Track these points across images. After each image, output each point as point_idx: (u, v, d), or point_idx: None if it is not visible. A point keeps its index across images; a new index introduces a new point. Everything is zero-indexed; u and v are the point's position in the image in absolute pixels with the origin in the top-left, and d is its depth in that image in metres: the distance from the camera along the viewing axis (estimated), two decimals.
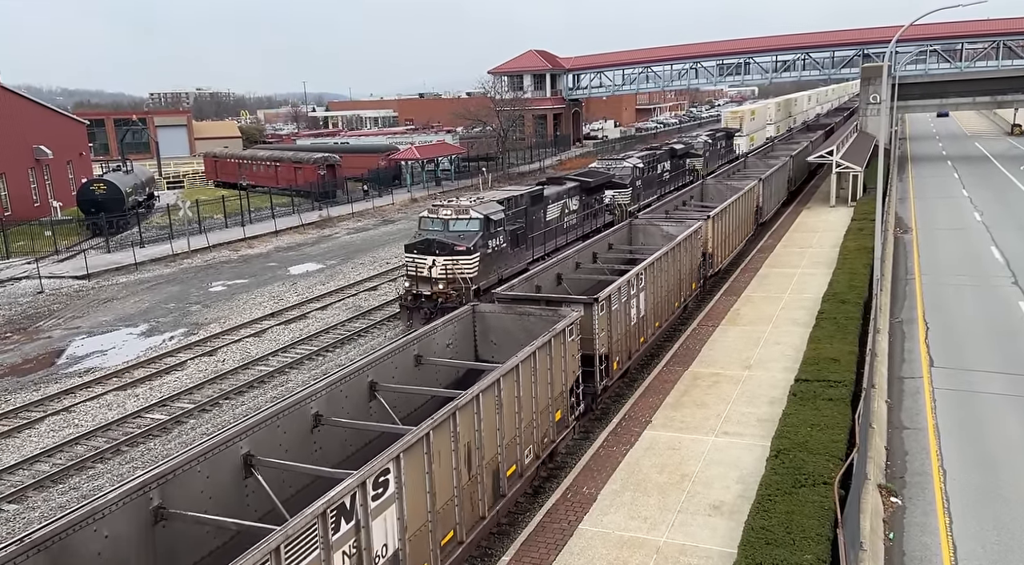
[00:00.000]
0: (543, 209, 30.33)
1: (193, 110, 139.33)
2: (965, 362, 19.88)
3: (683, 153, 49.66)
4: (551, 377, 14.63)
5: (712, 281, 28.19)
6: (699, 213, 29.32)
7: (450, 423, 11.28)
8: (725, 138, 63.41)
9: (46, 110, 59.28)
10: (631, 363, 19.66)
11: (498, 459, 12.81)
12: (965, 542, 12.33)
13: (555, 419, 15.10)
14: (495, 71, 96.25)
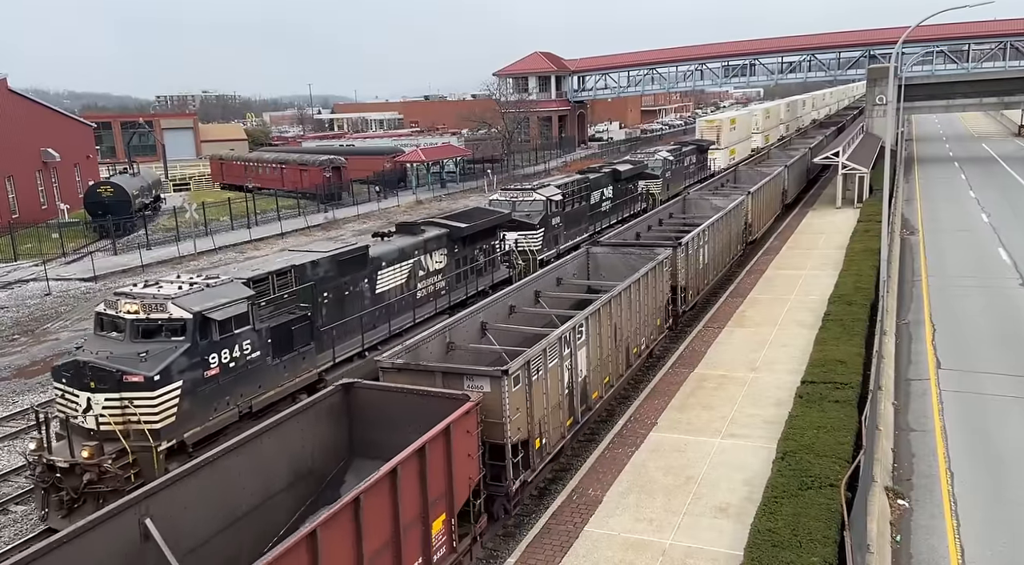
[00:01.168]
0: (370, 275, 20.28)
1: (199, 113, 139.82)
2: (973, 364, 19.79)
3: (631, 175, 39.56)
4: (653, 295, 20.54)
5: (718, 283, 28.13)
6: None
7: (607, 306, 17.36)
8: (696, 153, 53.10)
9: (53, 113, 59.59)
10: (699, 297, 25.40)
11: (627, 340, 18.74)
12: (973, 545, 12.27)
13: (656, 324, 21.08)
14: (500, 73, 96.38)
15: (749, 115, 72.52)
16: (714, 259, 26.77)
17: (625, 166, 40.09)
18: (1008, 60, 75.00)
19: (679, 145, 53.02)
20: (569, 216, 32.41)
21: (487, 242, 25.66)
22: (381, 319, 20.35)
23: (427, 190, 64.69)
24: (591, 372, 16.50)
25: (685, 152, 50.50)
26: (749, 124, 70.40)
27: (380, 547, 9.59)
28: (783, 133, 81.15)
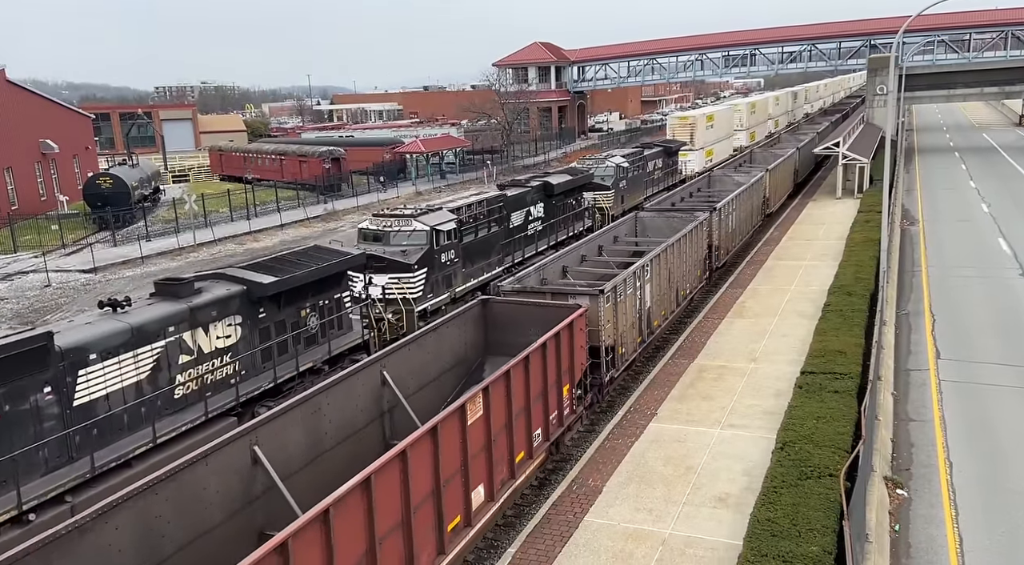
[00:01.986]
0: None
1: (198, 104, 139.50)
2: (972, 354, 19.82)
3: (569, 188, 32.43)
4: (694, 250, 24.36)
5: (718, 273, 28.16)
6: None
7: (664, 253, 21.26)
8: (663, 155, 45.96)
9: (52, 104, 59.44)
10: (728, 256, 29.20)
11: (677, 283, 22.53)
12: (971, 534, 12.31)
13: (697, 274, 24.87)
14: (500, 64, 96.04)
15: (730, 111, 64.29)
16: (739, 225, 30.92)
17: (561, 177, 32.54)
18: (1009, 50, 74.59)
19: (641, 147, 45.87)
20: (472, 248, 25.78)
21: (326, 295, 18.93)
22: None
23: (427, 181, 64.60)
24: (653, 304, 20.72)
25: (648, 156, 43.47)
26: (730, 121, 62.92)
27: (536, 395, 13.99)
28: (772, 129, 74.16)
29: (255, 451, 10.55)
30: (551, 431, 14.58)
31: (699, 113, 57.96)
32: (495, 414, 12.22)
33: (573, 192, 33.04)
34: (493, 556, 12.65)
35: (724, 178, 38.37)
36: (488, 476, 12.17)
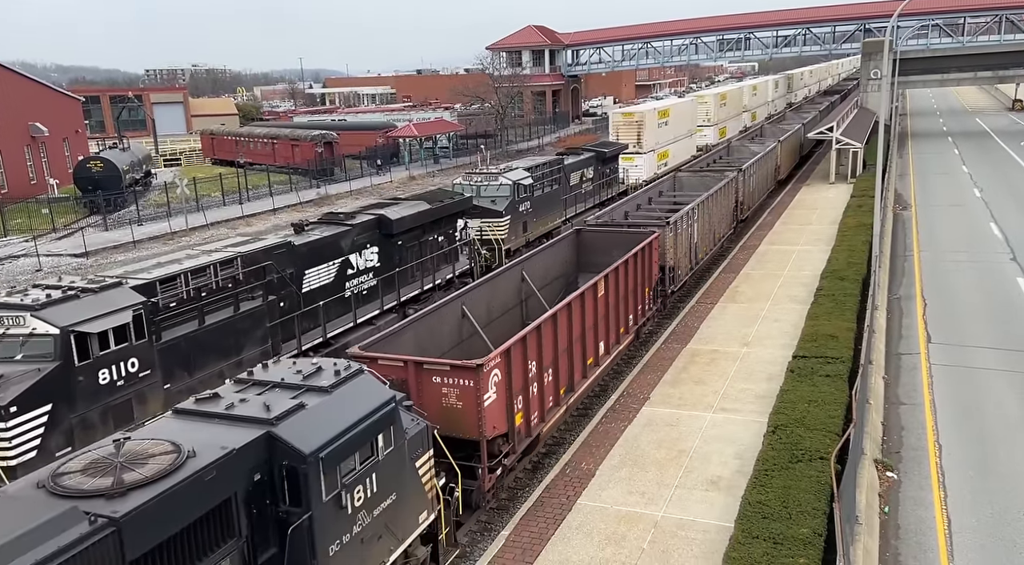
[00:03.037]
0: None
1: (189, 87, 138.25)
2: (963, 338, 19.95)
3: (419, 224, 22.61)
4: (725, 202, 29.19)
5: (711, 259, 28.24)
6: None
7: (704, 202, 26.19)
8: (595, 163, 37.18)
9: (41, 87, 58.80)
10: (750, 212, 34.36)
11: (713, 228, 27.40)
12: (959, 516, 12.46)
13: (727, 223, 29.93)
14: (493, 47, 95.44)
15: (691, 104, 54.19)
16: (758, 185, 35.95)
17: (401, 212, 22.16)
18: (1003, 33, 74.56)
19: (562, 155, 37.04)
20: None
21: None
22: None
23: (420, 166, 64.34)
24: (699, 239, 25.62)
25: (570, 166, 34.61)
26: (692, 115, 52.88)
27: (629, 291, 19.10)
28: (747, 123, 65.18)
29: (463, 309, 16.28)
30: (638, 318, 20.17)
31: (648, 108, 46.36)
32: (610, 295, 17.86)
33: (431, 227, 23.61)
34: (487, 538, 12.75)
35: (741, 148, 44.94)
36: (605, 336, 17.76)
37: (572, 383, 15.89)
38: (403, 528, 10.06)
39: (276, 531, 8.39)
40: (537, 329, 14.16)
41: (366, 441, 9.19)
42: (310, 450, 8.30)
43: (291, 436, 8.31)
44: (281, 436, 8.28)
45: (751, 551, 10.62)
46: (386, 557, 9.70)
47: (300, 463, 8.24)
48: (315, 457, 8.32)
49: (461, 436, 12.28)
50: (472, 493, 12.35)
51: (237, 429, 8.29)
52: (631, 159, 41.65)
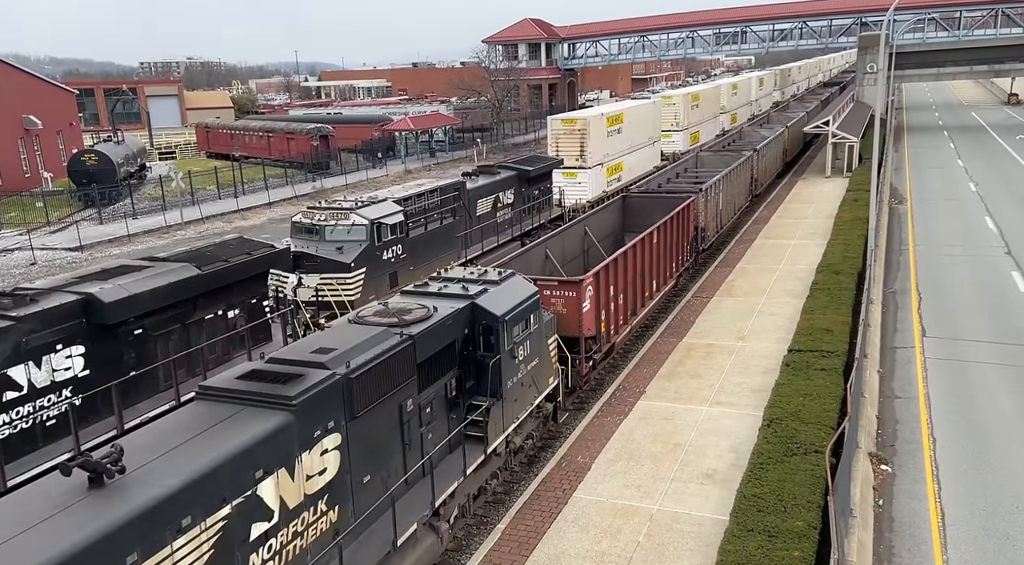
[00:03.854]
0: None
1: (184, 80, 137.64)
2: (957, 332, 20.02)
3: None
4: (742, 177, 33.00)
5: (706, 254, 28.32)
6: None
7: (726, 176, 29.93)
8: (514, 185, 29.62)
9: (34, 79, 58.45)
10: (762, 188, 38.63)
11: (733, 199, 31.23)
12: (953, 509, 12.52)
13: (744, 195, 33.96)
14: (490, 40, 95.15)
15: (652, 107, 44.29)
16: (769, 165, 40.17)
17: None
18: (999, 27, 74.59)
19: (467, 175, 28.72)
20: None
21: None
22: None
23: (416, 159, 64.21)
24: (723, 207, 29.71)
25: (478, 190, 27.45)
26: (654, 120, 43.75)
27: (671, 244, 22.88)
28: (725, 127, 57.40)
29: (547, 251, 20.41)
30: (678, 266, 24.18)
31: (595, 113, 37.21)
32: (658, 245, 21.70)
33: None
34: (483, 532, 12.77)
35: (752, 133, 48.95)
36: (656, 278, 21.77)
37: (635, 308, 20.37)
38: (540, 384, 14.57)
39: (474, 368, 12.70)
40: (614, 261, 18.58)
41: (525, 317, 13.48)
42: (500, 314, 12.65)
43: (487, 305, 12.69)
44: (480, 305, 12.64)
45: (746, 544, 10.65)
46: (532, 401, 14.26)
47: (494, 322, 12.57)
48: (502, 320, 12.64)
49: (565, 334, 16.27)
50: (571, 377, 16.67)
51: (451, 301, 12.51)
52: (572, 175, 33.66)
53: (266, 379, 9.17)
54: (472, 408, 12.63)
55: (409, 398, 10.93)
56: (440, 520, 11.44)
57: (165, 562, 7.07)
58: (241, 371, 9.55)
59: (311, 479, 8.99)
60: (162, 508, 7.05)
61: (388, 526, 10.04)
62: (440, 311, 11.92)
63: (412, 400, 11.03)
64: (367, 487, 10.02)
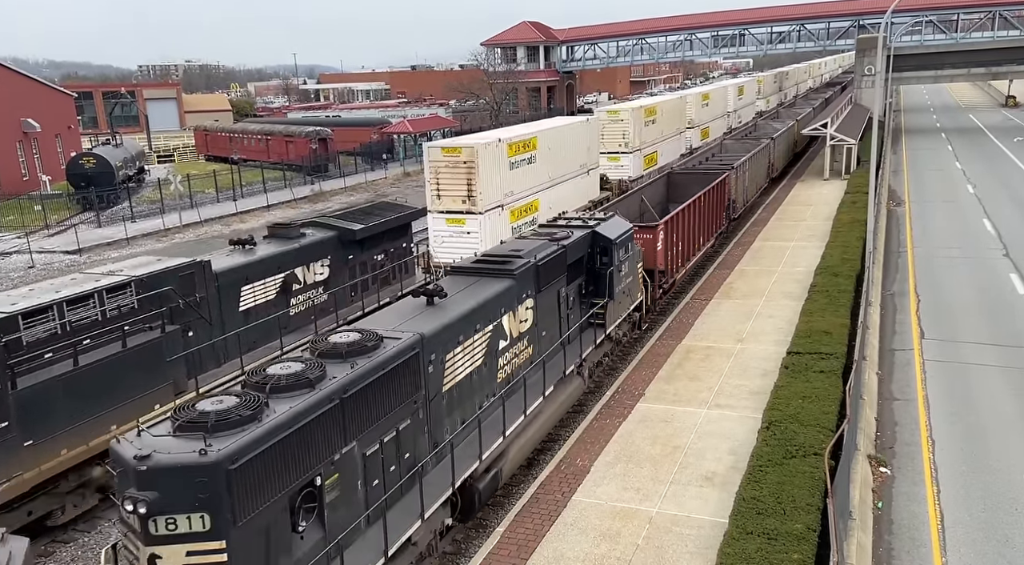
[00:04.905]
0: None
1: (183, 83, 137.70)
2: (956, 334, 20.03)
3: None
4: (761, 162, 37.66)
5: (706, 255, 28.34)
6: None
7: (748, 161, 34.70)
8: (335, 250, 20.74)
9: (33, 82, 58.44)
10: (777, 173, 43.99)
11: (754, 181, 36.16)
12: (952, 511, 12.52)
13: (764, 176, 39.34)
14: (488, 43, 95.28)
15: (587, 127, 32.77)
16: (782, 153, 45.26)
17: None
18: (997, 30, 74.74)
19: (233, 247, 19.22)
20: None
21: None
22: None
23: (415, 162, 64.22)
24: (748, 184, 34.55)
25: (238, 270, 17.80)
26: (590, 141, 32.84)
27: (710, 210, 27.22)
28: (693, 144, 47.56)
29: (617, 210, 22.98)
30: (716, 228, 28.81)
31: (490, 139, 25.95)
32: (695, 215, 25.39)
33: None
34: (482, 535, 12.76)
35: (765, 125, 52.51)
36: (702, 234, 26.51)
37: (688, 255, 25.05)
38: (632, 296, 19.75)
39: (593, 277, 17.70)
40: (675, 215, 23.37)
41: (625, 244, 18.53)
42: (612, 238, 17.78)
43: (603, 231, 17.84)
44: (599, 231, 17.78)
45: (745, 547, 10.65)
46: (628, 306, 19.55)
47: (608, 244, 17.68)
48: (615, 242, 17.78)
49: (643, 267, 20.90)
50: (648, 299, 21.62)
51: (578, 230, 17.55)
52: (459, 221, 24.67)
53: (492, 263, 14.95)
54: (592, 305, 17.75)
55: (562, 287, 16.40)
56: (582, 370, 17.20)
57: (472, 344, 12.96)
58: (475, 258, 15.63)
59: (520, 323, 14.74)
60: (468, 316, 12.78)
61: (559, 364, 15.99)
62: (574, 235, 17.05)
63: (563, 289, 16.48)
64: (544, 339, 15.67)
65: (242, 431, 8.13)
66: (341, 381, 9.43)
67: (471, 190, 24.38)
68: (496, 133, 28.78)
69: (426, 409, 11.42)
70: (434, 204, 24.64)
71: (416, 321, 11.86)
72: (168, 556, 7.88)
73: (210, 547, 7.89)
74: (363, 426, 9.81)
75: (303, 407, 8.78)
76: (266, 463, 8.20)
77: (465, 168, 24.32)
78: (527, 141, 27.25)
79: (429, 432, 11.52)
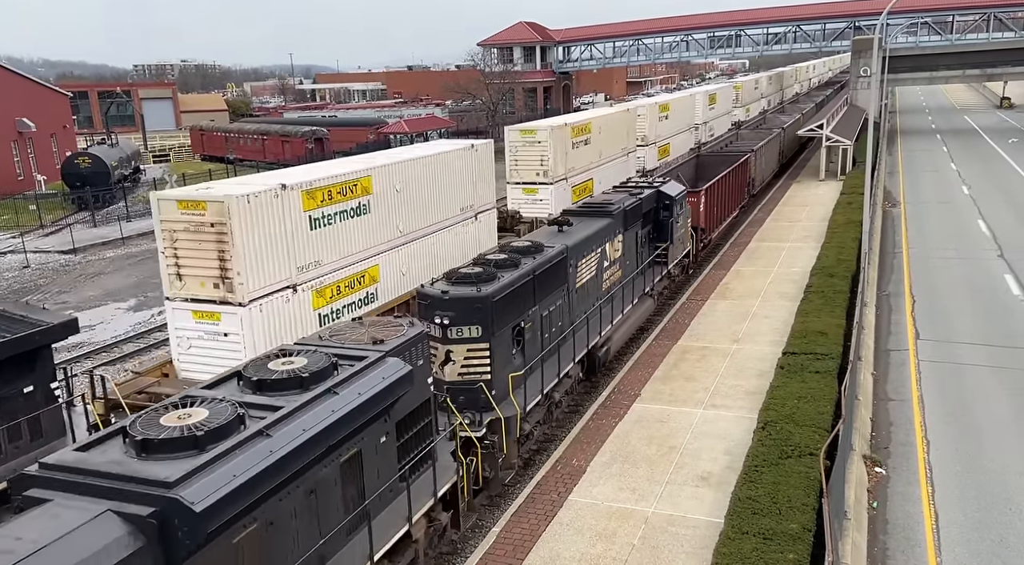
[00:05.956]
0: None
1: (178, 82, 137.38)
2: (950, 334, 20.09)
3: None
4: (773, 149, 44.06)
5: (701, 255, 28.40)
6: None
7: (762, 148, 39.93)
8: None
9: (28, 82, 58.28)
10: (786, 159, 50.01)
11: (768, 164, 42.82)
12: (947, 511, 12.56)
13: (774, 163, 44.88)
14: (485, 43, 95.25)
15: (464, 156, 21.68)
16: (790, 143, 50.55)
17: None
18: (992, 31, 75.00)
19: None
20: None
21: None
22: None
23: None
24: (764, 166, 40.43)
25: None
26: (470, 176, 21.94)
27: (734, 185, 32.59)
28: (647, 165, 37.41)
29: (679, 174, 30.97)
30: (740, 200, 34.08)
31: (251, 189, 14.79)
32: (726, 187, 30.68)
33: None
34: (478, 535, 12.75)
35: (773, 118, 58.50)
36: (729, 203, 31.62)
37: (720, 220, 30.31)
38: (684, 244, 24.89)
39: (656, 227, 22.43)
40: (713, 184, 28.71)
41: (681, 201, 23.67)
42: (674, 195, 22.78)
43: (666, 190, 22.77)
44: (662, 190, 22.60)
45: (741, 546, 10.66)
46: (681, 252, 24.39)
47: (670, 200, 22.50)
48: (676, 199, 22.93)
49: (690, 223, 25.92)
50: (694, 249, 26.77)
51: (648, 189, 22.25)
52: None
53: (596, 207, 20.09)
54: (656, 247, 22.47)
55: (639, 230, 21.14)
56: (652, 293, 22.30)
57: (589, 259, 18.04)
58: (582, 202, 22.07)
59: (615, 251, 19.61)
60: (587, 239, 17.81)
61: (639, 286, 21.19)
62: (645, 192, 21.94)
63: (639, 231, 21.20)
64: (627, 266, 20.37)
65: (495, 282, 13.63)
66: (531, 265, 14.87)
67: (224, 271, 14.50)
68: (288, 173, 17.92)
69: (568, 297, 16.68)
70: None
71: (557, 239, 17.06)
72: (457, 352, 13.20)
73: (480, 347, 13.25)
74: (540, 297, 15.09)
75: (516, 275, 14.24)
76: (506, 303, 13.66)
77: (215, 236, 14.52)
78: (355, 183, 17.38)
79: (570, 312, 16.70)
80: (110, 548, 6.17)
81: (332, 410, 8.37)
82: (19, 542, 5.99)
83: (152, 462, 7.09)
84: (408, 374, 9.72)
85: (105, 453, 7.39)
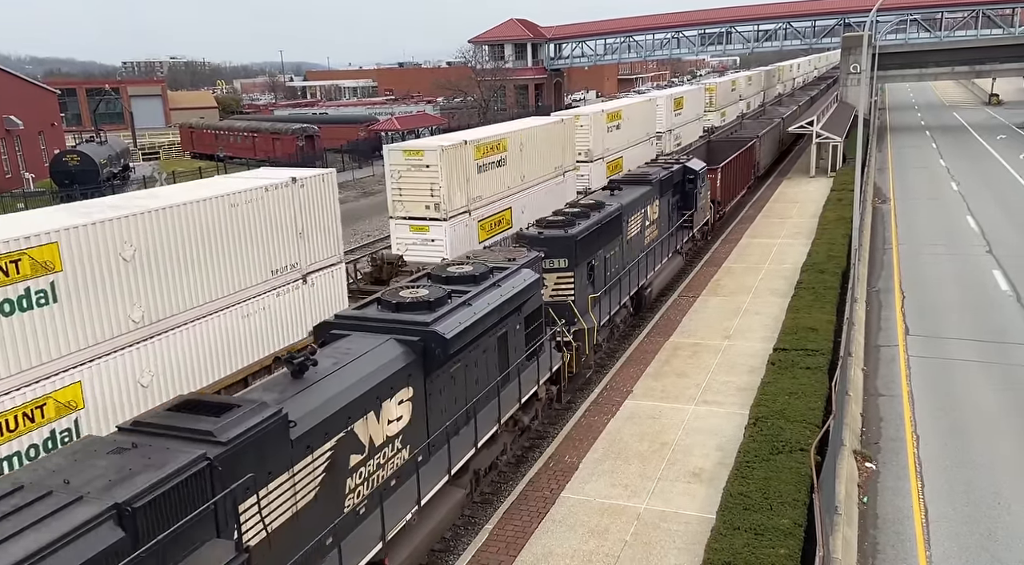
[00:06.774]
0: None
1: (168, 80, 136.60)
2: (940, 330, 20.21)
3: None
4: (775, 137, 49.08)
5: (693, 251, 28.51)
6: None
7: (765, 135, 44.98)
8: None
9: (15, 79, 57.82)
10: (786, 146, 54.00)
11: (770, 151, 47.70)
12: (936, 505, 12.65)
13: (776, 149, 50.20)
14: (476, 40, 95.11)
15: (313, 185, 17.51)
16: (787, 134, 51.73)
17: None
18: (980, 28, 75.40)
19: None
20: None
21: None
22: None
23: None
24: (767, 152, 44.95)
25: None
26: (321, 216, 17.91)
27: (742, 167, 36.83)
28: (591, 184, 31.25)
29: None
30: (747, 181, 38.18)
31: None
32: (737, 167, 34.86)
33: None
34: (471, 533, 12.76)
35: (772, 110, 62.87)
36: (739, 184, 36.01)
37: (732, 195, 34.25)
38: (704, 213, 28.78)
39: (682, 196, 26.51)
40: (727, 163, 32.70)
41: (703, 175, 27.65)
42: (698, 169, 27.08)
43: (691, 165, 26.97)
44: (688, 165, 26.92)
45: (733, 542, 10.71)
46: (702, 220, 28.47)
47: (694, 174, 26.72)
48: (699, 173, 27.06)
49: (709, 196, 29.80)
50: None
51: (675, 165, 26.54)
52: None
53: (637, 176, 24.03)
54: (682, 214, 26.32)
55: (670, 198, 24.99)
56: (681, 251, 26.44)
57: (635, 218, 22.00)
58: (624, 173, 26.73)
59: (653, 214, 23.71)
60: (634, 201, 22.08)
61: (672, 244, 25.29)
62: (674, 166, 25.68)
63: (670, 199, 25.06)
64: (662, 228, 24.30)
65: (576, 226, 17.73)
66: (598, 216, 18.80)
67: None
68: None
69: (622, 246, 20.51)
70: None
71: (613, 199, 20.79)
72: (549, 278, 16.74)
73: (567, 275, 17.22)
74: (603, 243, 18.85)
75: (589, 223, 18.16)
76: (584, 242, 17.56)
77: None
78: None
79: (623, 258, 20.50)
80: (400, 356, 10.63)
81: (501, 295, 12.87)
82: (350, 351, 10.39)
83: (406, 314, 11.39)
84: (537, 279, 14.39)
85: (365, 311, 11.77)
